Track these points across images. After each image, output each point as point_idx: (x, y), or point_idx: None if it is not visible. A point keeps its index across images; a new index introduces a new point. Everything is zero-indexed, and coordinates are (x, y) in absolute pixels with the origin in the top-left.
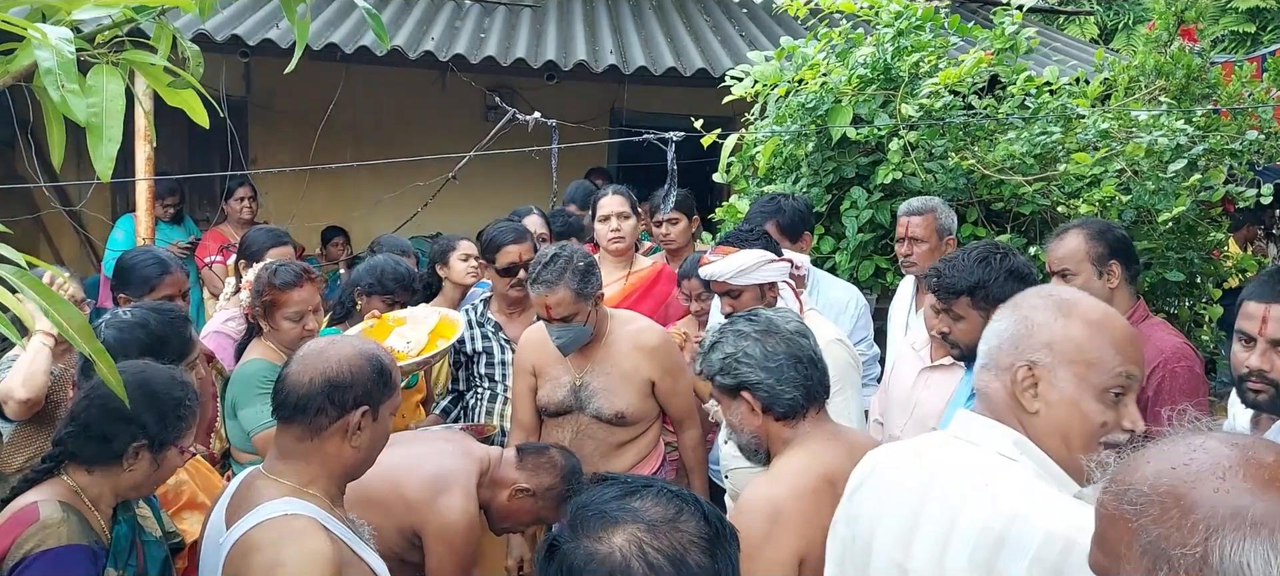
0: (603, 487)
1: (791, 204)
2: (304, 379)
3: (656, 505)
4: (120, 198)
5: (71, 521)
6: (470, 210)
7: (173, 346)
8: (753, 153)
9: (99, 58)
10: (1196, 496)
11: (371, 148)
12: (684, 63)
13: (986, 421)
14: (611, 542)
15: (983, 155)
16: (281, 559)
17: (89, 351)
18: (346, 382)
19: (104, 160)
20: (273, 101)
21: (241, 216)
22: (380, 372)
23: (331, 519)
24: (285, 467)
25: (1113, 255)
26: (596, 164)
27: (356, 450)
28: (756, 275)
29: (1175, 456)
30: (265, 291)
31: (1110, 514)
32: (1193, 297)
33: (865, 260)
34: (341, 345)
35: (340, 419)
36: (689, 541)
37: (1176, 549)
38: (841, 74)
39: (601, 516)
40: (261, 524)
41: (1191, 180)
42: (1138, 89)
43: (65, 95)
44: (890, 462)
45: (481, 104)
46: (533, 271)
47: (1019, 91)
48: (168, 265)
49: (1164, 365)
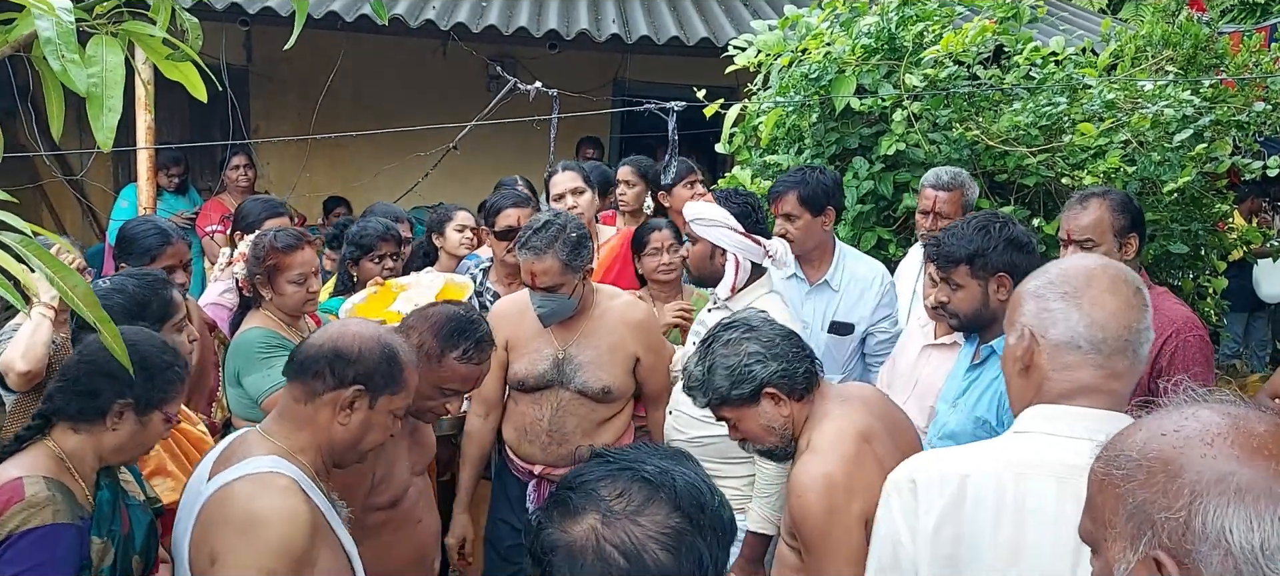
0: (592, 465)
1: (817, 176)
2: (317, 342)
3: (624, 494)
4: (122, 167)
5: (57, 499)
6: (472, 180)
7: (153, 309)
8: (755, 123)
9: (98, 28)
10: (1183, 461)
11: (373, 117)
12: (687, 32)
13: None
14: (572, 531)
15: (987, 126)
16: (258, 510)
17: (94, 319)
18: (351, 357)
19: (104, 130)
20: (274, 71)
21: (239, 185)
22: (389, 362)
23: (313, 487)
24: (279, 429)
25: (1133, 227)
26: (598, 134)
27: (345, 429)
28: (712, 233)
29: (1166, 424)
30: (267, 255)
31: (1100, 479)
32: (1197, 270)
33: (867, 231)
34: (366, 326)
35: (335, 390)
36: (649, 536)
37: (1161, 513)
38: (845, 44)
39: (567, 503)
40: (244, 476)
41: (1197, 151)
42: (1144, 59)
43: (66, 65)
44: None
45: (483, 73)
46: (522, 236)
47: (1024, 61)
48: (169, 235)
49: (1176, 335)
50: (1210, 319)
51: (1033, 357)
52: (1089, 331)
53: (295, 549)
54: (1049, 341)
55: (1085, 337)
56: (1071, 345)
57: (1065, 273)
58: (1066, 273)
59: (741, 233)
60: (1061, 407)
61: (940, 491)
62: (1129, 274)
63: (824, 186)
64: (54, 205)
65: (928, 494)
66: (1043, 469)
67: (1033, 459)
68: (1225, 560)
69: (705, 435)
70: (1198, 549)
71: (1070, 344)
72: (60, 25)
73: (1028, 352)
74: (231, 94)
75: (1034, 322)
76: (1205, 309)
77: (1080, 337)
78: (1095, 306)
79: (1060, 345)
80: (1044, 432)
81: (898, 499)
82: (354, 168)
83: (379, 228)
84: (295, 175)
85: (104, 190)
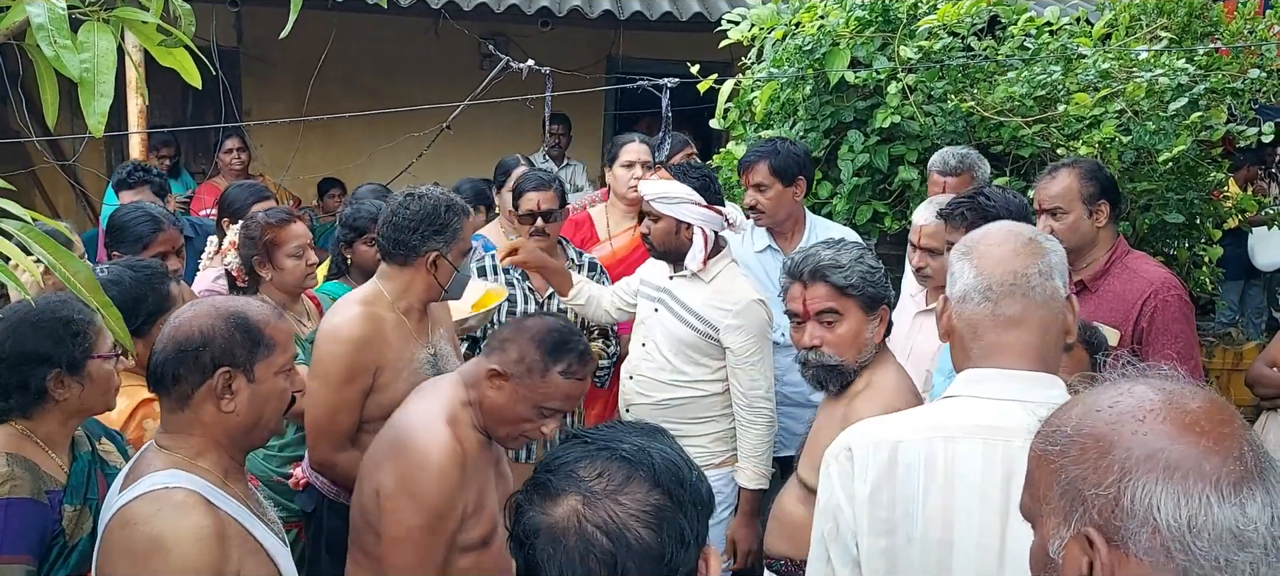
0: (569, 447)
1: (788, 147)
2: (159, 346)
3: (603, 474)
4: (115, 151)
5: (16, 475)
6: (465, 159)
7: (148, 303)
8: (750, 98)
9: (90, 14)
10: (1115, 437)
11: (366, 98)
12: (680, 7)
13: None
14: (554, 513)
15: (982, 97)
16: (158, 534)
17: (97, 305)
18: (197, 344)
19: (96, 116)
20: (266, 52)
21: (233, 168)
22: (242, 330)
23: (222, 493)
24: (173, 441)
25: (1102, 194)
26: (591, 111)
27: (237, 415)
28: (675, 209)
29: (1101, 399)
30: (263, 232)
31: (1037, 455)
32: (1192, 238)
33: (862, 205)
34: (201, 306)
35: (202, 382)
36: (630, 515)
37: (1091, 489)
38: (839, 16)
39: (547, 485)
40: (141, 496)
41: (1192, 119)
42: (1139, 28)
43: (58, 51)
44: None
45: (476, 52)
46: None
47: (1019, 32)
48: (160, 222)
49: (1155, 295)
50: (1206, 287)
51: (950, 322)
52: (976, 280)
53: (205, 570)
54: (953, 300)
55: (975, 287)
56: (966, 298)
57: (966, 239)
58: (967, 239)
59: (704, 205)
60: (984, 370)
61: (874, 457)
62: (1028, 230)
63: (795, 156)
64: (47, 190)
65: (862, 460)
66: (968, 432)
67: (959, 422)
68: (1153, 537)
69: (671, 397)
70: (1126, 526)
71: (965, 297)
72: (52, 11)
73: (945, 318)
74: (223, 76)
75: (947, 288)
76: (1200, 277)
77: (971, 289)
78: (982, 259)
79: (960, 300)
80: (969, 396)
81: (836, 466)
82: (348, 149)
83: (372, 210)
84: (289, 157)
85: (97, 175)
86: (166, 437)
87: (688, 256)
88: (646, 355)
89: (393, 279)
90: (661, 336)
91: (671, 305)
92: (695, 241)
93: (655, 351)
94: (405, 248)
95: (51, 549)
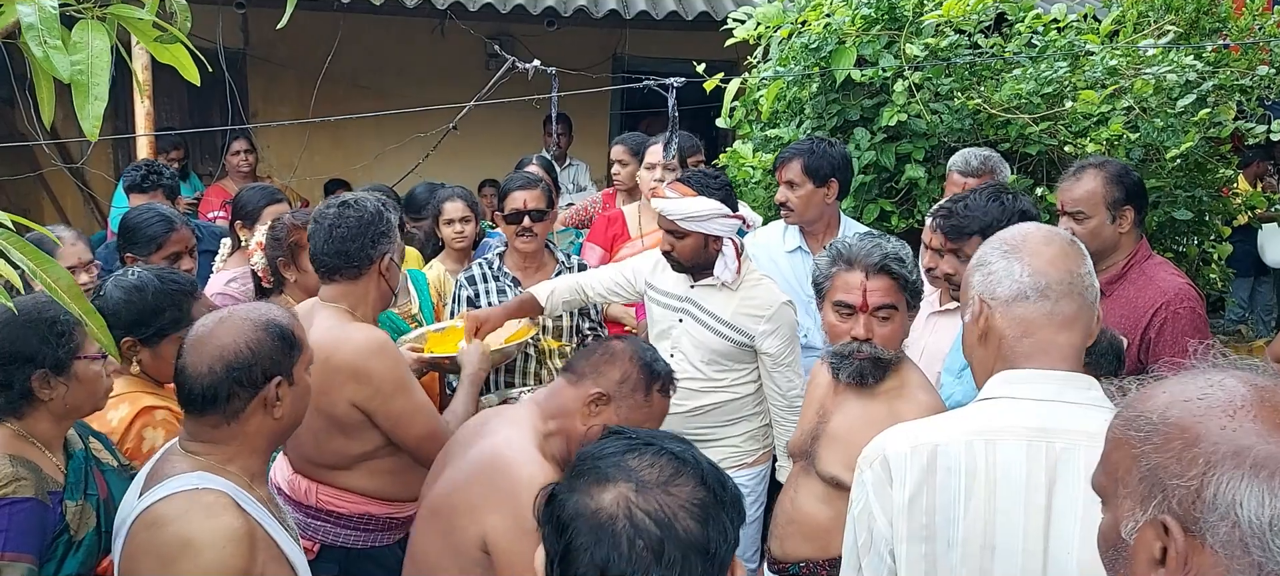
0: (611, 441)
1: (824, 147)
2: (203, 368)
3: (654, 465)
4: (122, 154)
5: (21, 474)
6: (473, 160)
7: (165, 317)
8: (756, 97)
9: (85, 12)
10: (1202, 430)
11: (372, 98)
12: (685, 6)
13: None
14: (601, 499)
15: (989, 95)
16: (189, 534)
17: (78, 311)
18: (248, 361)
19: (90, 119)
20: (272, 54)
21: (240, 170)
22: (282, 337)
23: (248, 497)
24: (201, 446)
25: (1128, 200)
26: (598, 111)
27: (279, 420)
28: (706, 226)
29: (1190, 389)
30: (289, 234)
31: (1117, 438)
32: (1201, 236)
33: (869, 203)
34: (233, 320)
35: (255, 396)
36: (680, 506)
37: (1173, 479)
38: (845, 14)
39: (595, 471)
40: (169, 497)
41: (1200, 116)
42: (1146, 24)
43: (48, 51)
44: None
45: (482, 52)
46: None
47: (1026, 29)
48: (173, 222)
49: (1166, 306)
50: (1215, 285)
51: (988, 322)
52: (1033, 279)
53: (234, 570)
54: (999, 300)
55: (1031, 286)
56: (1020, 297)
57: (1001, 238)
58: (1001, 238)
59: (727, 214)
60: (1023, 371)
61: (912, 462)
62: (1061, 232)
63: (830, 158)
64: (55, 193)
65: (900, 466)
66: (1010, 434)
67: (1000, 424)
68: (1232, 531)
69: (704, 404)
70: (1206, 518)
71: (1018, 296)
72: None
73: (983, 319)
74: (229, 78)
75: (982, 289)
76: (1210, 274)
77: (1026, 288)
78: (1035, 256)
79: (1010, 300)
80: (1008, 398)
81: (871, 474)
82: (354, 149)
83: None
84: (296, 158)
85: (104, 177)
86: (195, 443)
87: (718, 267)
88: (676, 365)
89: (345, 296)
90: (691, 346)
91: (698, 315)
92: (726, 252)
93: (685, 362)
94: (355, 259)
95: (57, 546)
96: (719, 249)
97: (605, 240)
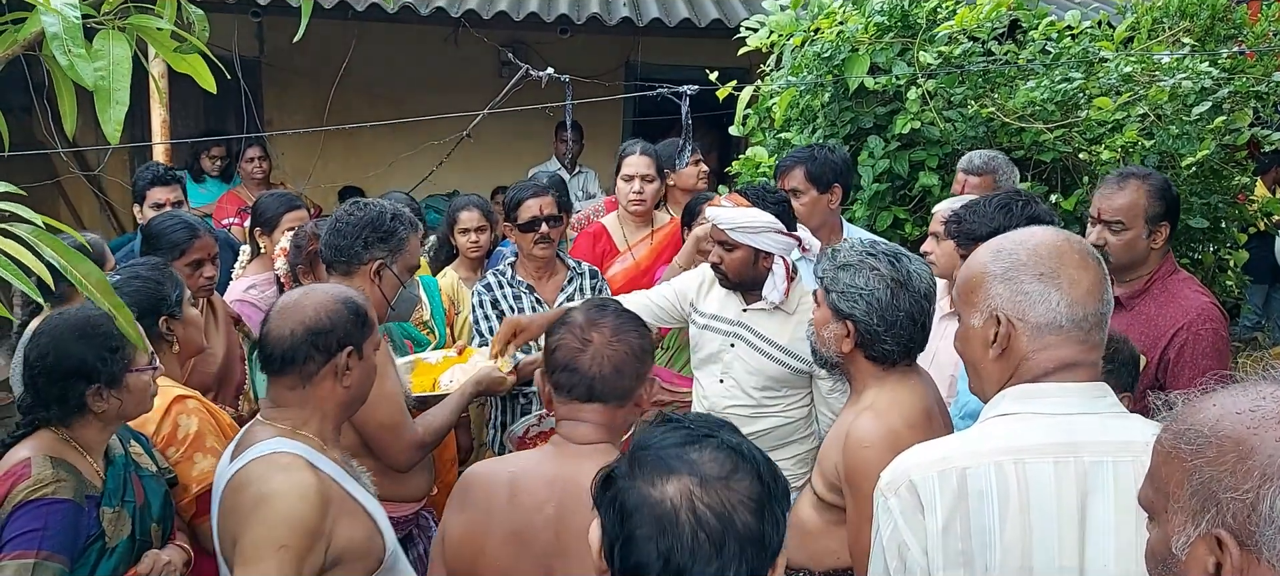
0: (667, 431)
1: (825, 154)
2: (286, 331)
3: (714, 459)
4: (138, 161)
5: (61, 476)
6: (486, 167)
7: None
8: (769, 104)
9: (105, 23)
10: (1256, 442)
11: (386, 106)
12: (698, 14)
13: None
14: (664, 490)
15: (1003, 102)
16: (268, 490)
17: (109, 306)
18: (327, 328)
19: (112, 124)
20: (286, 62)
21: (254, 177)
22: (356, 313)
23: (322, 458)
24: (279, 414)
25: (1166, 215)
26: (611, 119)
27: (348, 389)
28: (757, 239)
29: (1242, 402)
30: (309, 243)
31: (1166, 451)
32: (1217, 243)
33: (882, 211)
34: (315, 293)
35: (328, 362)
36: (739, 500)
37: (1227, 493)
38: (858, 22)
39: (659, 462)
40: (253, 460)
41: (1216, 123)
42: (1161, 31)
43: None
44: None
45: (495, 60)
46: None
47: (1040, 36)
48: (196, 229)
49: (1186, 328)
50: (1231, 292)
51: (1011, 341)
52: (1070, 310)
53: (308, 521)
54: (1029, 324)
55: (1067, 317)
56: (1053, 326)
57: (1035, 253)
58: (1036, 252)
59: (782, 230)
60: (1044, 385)
61: (941, 488)
62: (1089, 247)
63: (832, 164)
64: (72, 200)
65: (929, 492)
66: (1038, 452)
67: (1027, 443)
68: None
69: (755, 430)
70: (1262, 532)
71: (1052, 325)
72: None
73: (1005, 337)
74: (245, 85)
75: (1009, 307)
76: (1226, 282)
77: (1062, 318)
78: (1073, 286)
79: (1042, 327)
80: (1031, 413)
81: (897, 501)
82: (368, 157)
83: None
84: (310, 166)
85: (121, 184)
86: (273, 411)
87: (767, 287)
88: (727, 392)
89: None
90: (743, 372)
91: (752, 341)
92: (775, 271)
93: (737, 389)
94: (347, 254)
95: (90, 552)
96: (769, 267)
97: (593, 257)
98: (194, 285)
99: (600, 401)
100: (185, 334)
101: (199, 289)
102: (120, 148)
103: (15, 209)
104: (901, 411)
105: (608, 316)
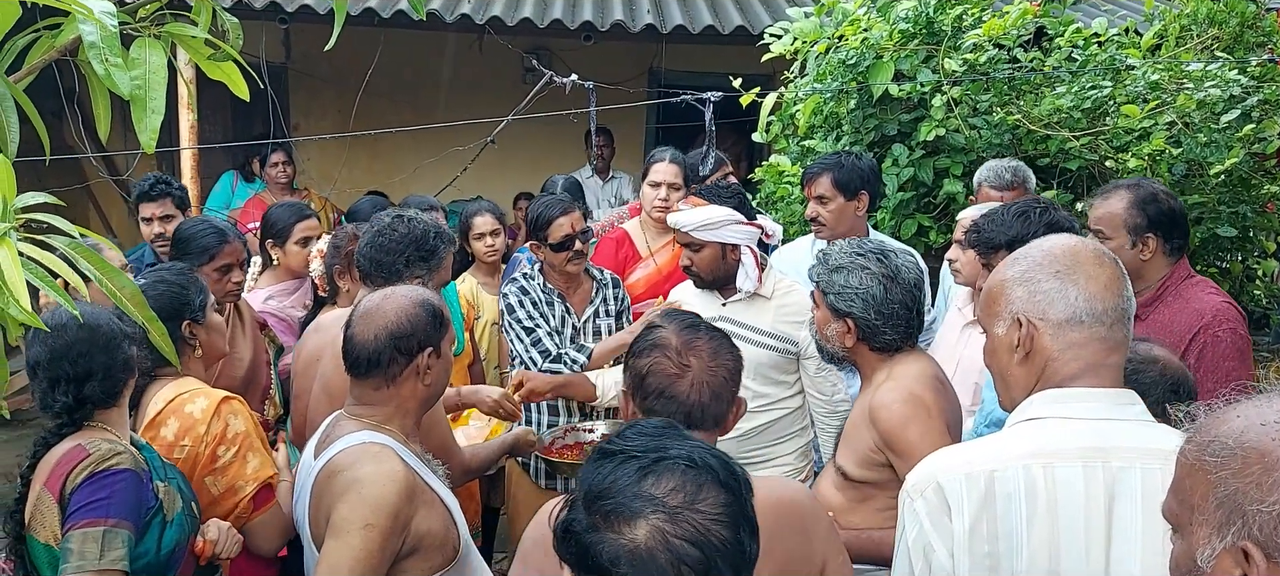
0: (616, 465)
1: (852, 160)
2: (370, 335)
3: (674, 485)
4: (166, 166)
5: (121, 449)
6: (510, 173)
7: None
8: (793, 111)
9: (141, 31)
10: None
11: (411, 112)
12: (722, 20)
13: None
14: (635, 536)
15: (1028, 110)
16: (359, 475)
17: (142, 319)
18: (408, 332)
19: (148, 132)
20: (313, 68)
21: (278, 182)
22: (434, 315)
23: (406, 451)
24: (364, 410)
25: (1150, 228)
26: (635, 125)
27: (429, 387)
28: (719, 233)
29: (1267, 413)
30: (348, 243)
31: (1190, 463)
32: (1245, 252)
33: (907, 219)
34: (396, 298)
35: (410, 364)
36: (711, 520)
37: (1253, 504)
38: (883, 29)
39: (621, 509)
40: (343, 449)
41: (1245, 131)
42: (1189, 38)
43: (109, 69)
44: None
45: (519, 66)
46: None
47: (1066, 43)
48: (226, 234)
49: (1205, 330)
50: (1259, 302)
51: (1034, 343)
52: (1089, 304)
53: (394, 505)
54: (1051, 322)
55: (1087, 311)
56: (1074, 322)
57: (1050, 254)
58: (1051, 254)
59: (745, 222)
60: (1071, 390)
61: (968, 489)
62: (1107, 251)
63: (859, 171)
64: (101, 205)
65: (956, 494)
66: (1066, 456)
67: (1055, 447)
68: None
69: (756, 425)
70: None
71: (1073, 321)
72: (103, 30)
73: (1028, 339)
74: (271, 91)
75: (1028, 308)
76: (1254, 291)
77: (1082, 313)
78: (1090, 281)
79: (1063, 324)
80: (1059, 417)
81: (923, 503)
82: (393, 162)
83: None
84: (335, 171)
85: None
86: (358, 408)
87: (739, 277)
88: None
89: None
90: None
91: (736, 332)
92: (744, 261)
93: None
94: (387, 270)
95: (154, 524)
96: (738, 259)
97: (615, 264)
98: (222, 290)
99: (698, 429)
100: (208, 339)
101: (226, 294)
102: (149, 153)
103: (51, 219)
104: (914, 377)
105: (702, 338)
